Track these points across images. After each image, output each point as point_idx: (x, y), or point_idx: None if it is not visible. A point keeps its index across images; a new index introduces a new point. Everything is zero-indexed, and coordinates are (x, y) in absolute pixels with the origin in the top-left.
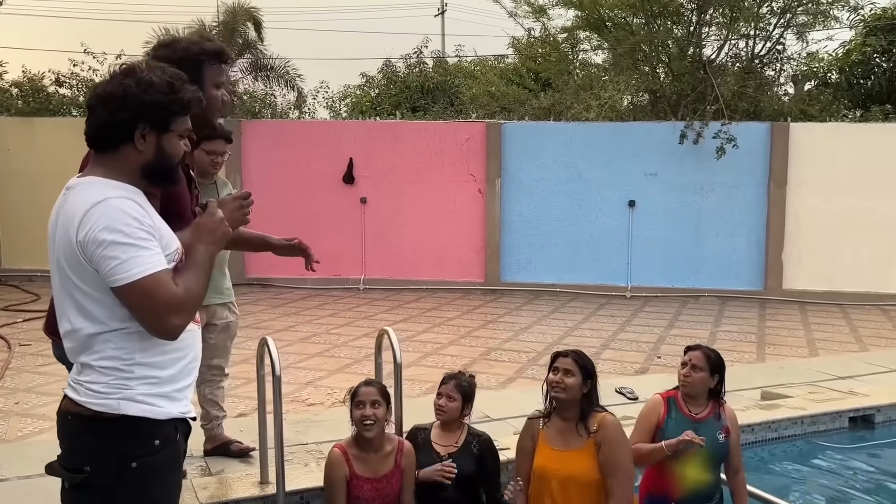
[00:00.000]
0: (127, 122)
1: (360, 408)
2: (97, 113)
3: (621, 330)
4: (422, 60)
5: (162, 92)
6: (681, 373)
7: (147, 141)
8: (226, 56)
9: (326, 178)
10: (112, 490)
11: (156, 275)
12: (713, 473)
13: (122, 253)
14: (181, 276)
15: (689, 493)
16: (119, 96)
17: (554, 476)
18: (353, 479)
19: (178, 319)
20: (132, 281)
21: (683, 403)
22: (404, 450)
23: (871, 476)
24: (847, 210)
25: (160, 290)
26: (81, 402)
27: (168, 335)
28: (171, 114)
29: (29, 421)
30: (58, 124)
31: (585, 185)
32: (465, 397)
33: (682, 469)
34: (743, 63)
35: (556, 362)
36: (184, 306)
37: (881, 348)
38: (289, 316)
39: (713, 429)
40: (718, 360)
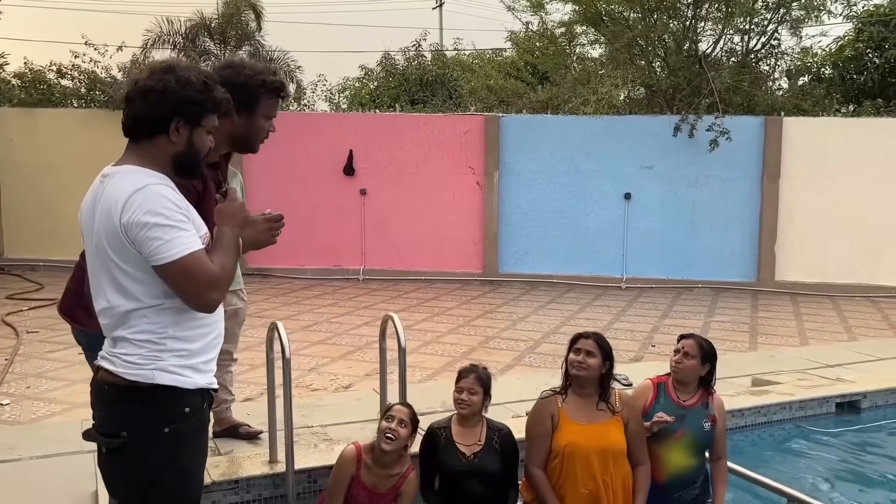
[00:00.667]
0: (164, 115)
1: (389, 421)
2: (137, 104)
3: (616, 320)
4: (420, 53)
5: (198, 90)
6: (673, 360)
7: (180, 133)
8: (284, 93)
9: (326, 170)
10: (146, 454)
11: (195, 253)
12: (697, 459)
13: (163, 234)
14: (213, 255)
15: (672, 477)
16: (159, 90)
17: (591, 449)
18: (355, 482)
19: (215, 294)
20: (174, 259)
21: (673, 390)
22: (408, 476)
23: (856, 458)
24: (839, 203)
25: (199, 268)
26: (118, 372)
27: (206, 308)
28: (204, 110)
29: (41, 404)
30: (59, 115)
31: (582, 177)
32: (485, 390)
33: (667, 454)
34: (738, 58)
35: (578, 343)
36: (220, 282)
37: (869, 338)
38: (290, 305)
39: (699, 416)
40: (710, 350)
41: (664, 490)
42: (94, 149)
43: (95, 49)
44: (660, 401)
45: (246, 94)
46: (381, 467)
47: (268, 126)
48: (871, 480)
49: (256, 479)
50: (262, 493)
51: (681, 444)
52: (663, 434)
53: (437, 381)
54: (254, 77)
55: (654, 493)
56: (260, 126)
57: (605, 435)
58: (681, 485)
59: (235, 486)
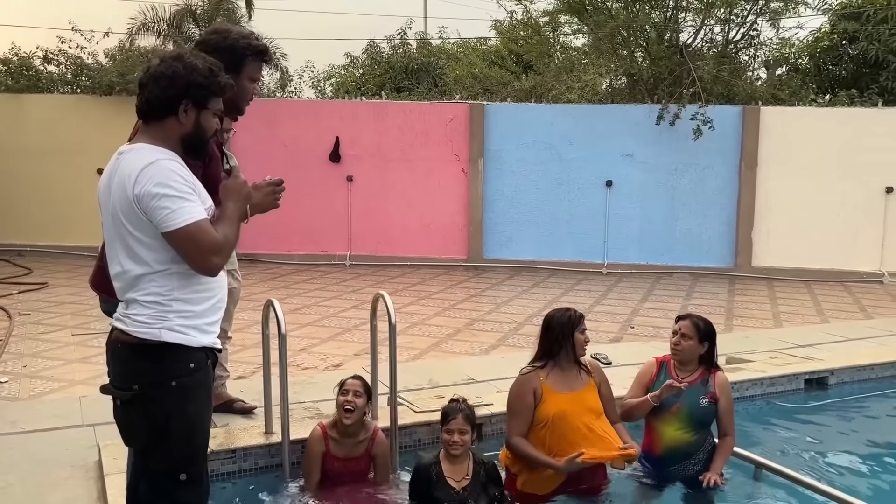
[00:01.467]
0: (174, 98)
1: (345, 394)
2: (149, 89)
3: (597, 303)
4: (406, 41)
5: (204, 75)
6: (671, 341)
7: (188, 115)
8: (268, 57)
9: (313, 157)
10: (156, 405)
11: (200, 222)
12: (693, 434)
13: (171, 204)
14: (217, 225)
15: (668, 450)
16: (169, 76)
17: (581, 414)
18: (326, 456)
19: (218, 259)
20: (181, 226)
21: (673, 368)
22: (377, 439)
23: (822, 431)
24: (814, 191)
25: (204, 235)
26: (129, 331)
27: (209, 272)
28: (210, 94)
29: (39, 382)
30: (46, 101)
31: (565, 165)
32: (473, 426)
33: (663, 427)
34: (718, 48)
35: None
36: (222, 249)
37: (840, 320)
38: (278, 289)
39: (697, 393)
40: (708, 329)
41: (661, 462)
42: (81, 134)
43: (82, 35)
44: (661, 378)
45: (232, 57)
46: (348, 437)
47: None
48: (835, 451)
49: (253, 449)
50: (259, 462)
51: (676, 419)
52: (659, 408)
53: (424, 360)
54: (239, 41)
55: (652, 464)
56: (245, 87)
57: (586, 400)
58: (677, 458)
59: (233, 456)
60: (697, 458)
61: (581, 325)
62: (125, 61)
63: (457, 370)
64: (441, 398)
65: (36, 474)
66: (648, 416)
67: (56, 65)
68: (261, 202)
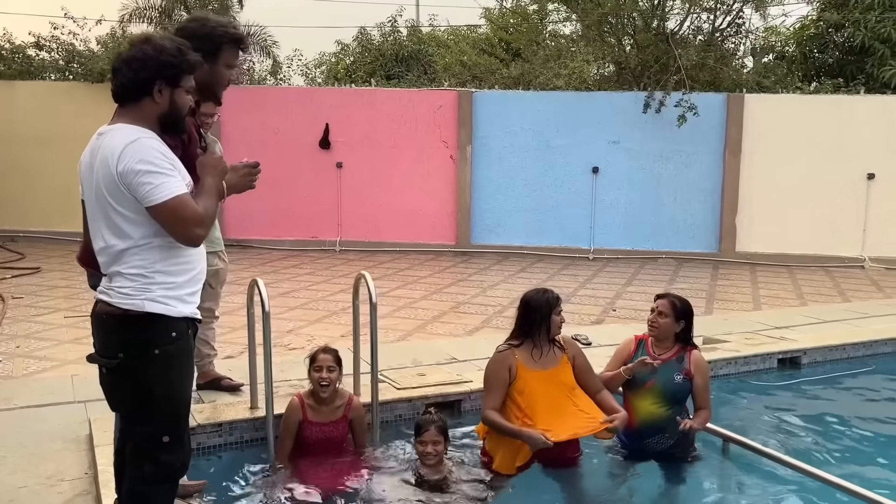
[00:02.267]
0: (147, 79)
1: (318, 371)
2: (122, 73)
3: (582, 287)
4: (396, 29)
5: (173, 55)
6: (649, 318)
7: (163, 95)
8: (244, 44)
9: (303, 144)
10: (140, 372)
11: (181, 196)
12: (667, 409)
13: (154, 179)
14: (198, 199)
15: (643, 424)
16: (140, 59)
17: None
18: (304, 423)
19: (199, 230)
20: (164, 200)
21: (651, 346)
22: (353, 404)
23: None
24: (797, 177)
25: (185, 208)
26: (113, 303)
27: (191, 242)
28: (180, 72)
29: (31, 361)
30: (38, 88)
31: (552, 151)
32: (446, 437)
33: (638, 402)
34: (705, 36)
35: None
36: (203, 220)
37: (818, 304)
38: (268, 274)
39: (671, 370)
40: (685, 308)
41: (637, 435)
42: (73, 121)
43: (74, 22)
44: (638, 354)
45: (209, 44)
46: (325, 404)
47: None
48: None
49: (239, 423)
50: (244, 435)
51: (651, 394)
52: (635, 384)
53: (409, 341)
54: (217, 28)
55: (627, 437)
56: (221, 74)
57: (559, 376)
58: (651, 432)
59: (219, 429)
60: (671, 433)
61: (558, 306)
62: (117, 48)
63: (440, 350)
64: (423, 376)
65: (29, 447)
66: (625, 391)
67: (48, 52)
68: (237, 183)
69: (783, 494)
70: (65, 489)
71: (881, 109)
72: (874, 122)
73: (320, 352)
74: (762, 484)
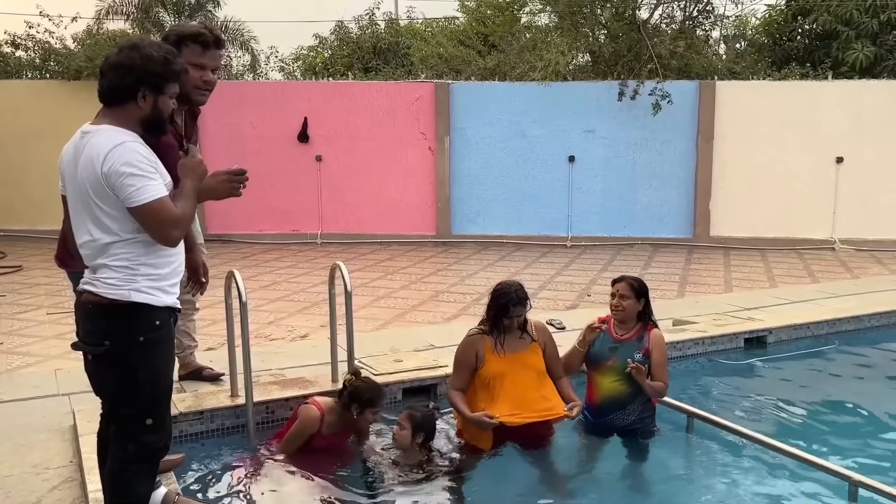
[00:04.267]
0: (132, 86)
1: (376, 415)
2: (109, 77)
3: (559, 274)
4: (374, 22)
5: (159, 63)
6: (612, 303)
7: (147, 100)
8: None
9: (282, 138)
10: (125, 358)
11: (161, 198)
12: (628, 386)
13: (136, 182)
14: (176, 201)
15: (604, 400)
16: (126, 66)
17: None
18: (317, 435)
19: (176, 232)
20: (145, 203)
21: (613, 327)
22: None
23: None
24: (768, 162)
25: (164, 210)
26: (99, 293)
27: (169, 242)
28: (165, 81)
29: (15, 357)
30: (14, 87)
31: (528, 141)
32: (415, 427)
33: (600, 379)
34: (676, 24)
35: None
36: (180, 222)
37: (789, 285)
38: (249, 267)
39: (632, 349)
40: (642, 287)
41: (600, 411)
42: (50, 119)
43: (50, 20)
44: (601, 336)
45: None
46: (343, 422)
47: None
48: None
49: (219, 411)
50: (225, 422)
51: (611, 371)
52: (596, 361)
53: (387, 329)
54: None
55: (591, 413)
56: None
57: (527, 360)
58: (613, 408)
59: (200, 417)
60: (631, 409)
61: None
62: (93, 46)
63: (418, 338)
64: (399, 362)
65: (15, 438)
66: (590, 369)
67: (24, 50)
68: (215, 188)
69: (746, 466)
70: (51, 476)
71: (847, 94)
72: (841, 107)
73: (382, 396)
74: (725, 458)
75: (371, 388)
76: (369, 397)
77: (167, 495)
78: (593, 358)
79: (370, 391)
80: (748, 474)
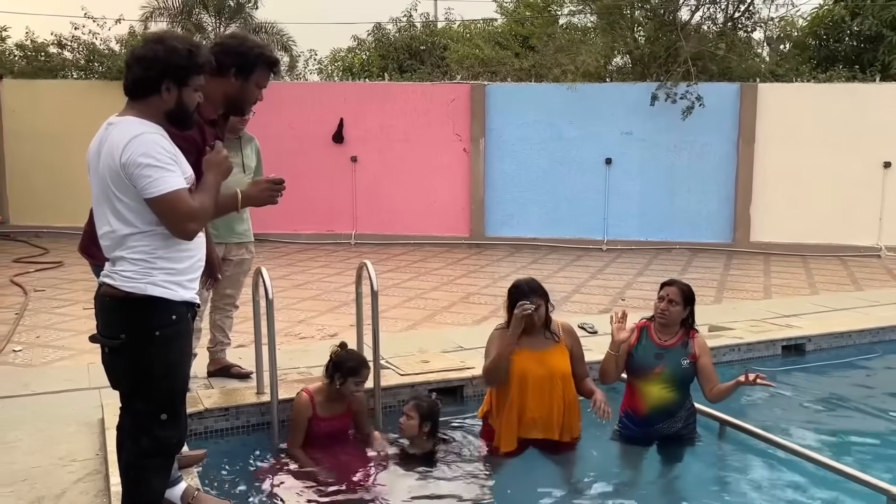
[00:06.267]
0: (155, 78)
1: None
2: (133, 70)
3: (593, 278)
4: (412, 23)
5: (183, 56)
6: (659, 307)
7: (171, 93)
8: (277, 69)
9: (319, 138)
10: (141, 352)
11: (178, 191)
12: (676, 393)
13: (154, 173)
14: (196, 194)
15: (653, 409)
16: (150, 58)
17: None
18: (314, 419)
19: (193, 225)
20: (161, 194)
21: (655, 332)
22: (356, 397)
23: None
24: (811, 166)
25: (180, 203)
26: (116, 286)
27: (184, 236)
28: (189, 73)
29: (50, 350)
30: (60, 86)
31: (564, 143)
32: (421, 416)
33: (647, 388)
34: (717, 26)
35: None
36: (196, 216)
37: (831, 293)
38: (283, 267)
39: (678, 355)
40: (691, 293)
41: (647, 421)
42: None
43: (94, 21)
44: (642, 342)
45: (244, 62)
46: (335, 400)
47: (258, 94)
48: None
49: (245, 408)
50: (250, 419)
51: (659, 380)
52: (642, 370)
53: (417, 330)
54: (253, 49)
55: (637, 424)
56: (251, 91)
57: (550, 360)
58: (661, 417)
59: (226, 413)
60: (679, 416)
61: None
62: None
63: (447, 339)
64: (426, 363)
65: (44, 430)
66: (631, 378)
67: (70, 51)
68: (256, 196)
69: (778, 476)
70: (76, 469)
71: None
72: (890, 110)
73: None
74: (758, 466)
75: (353, 358)
76: (350, 366)
77: (186, 491)
78: (637, 367)
79: (352, 360)
80: (781, 484)
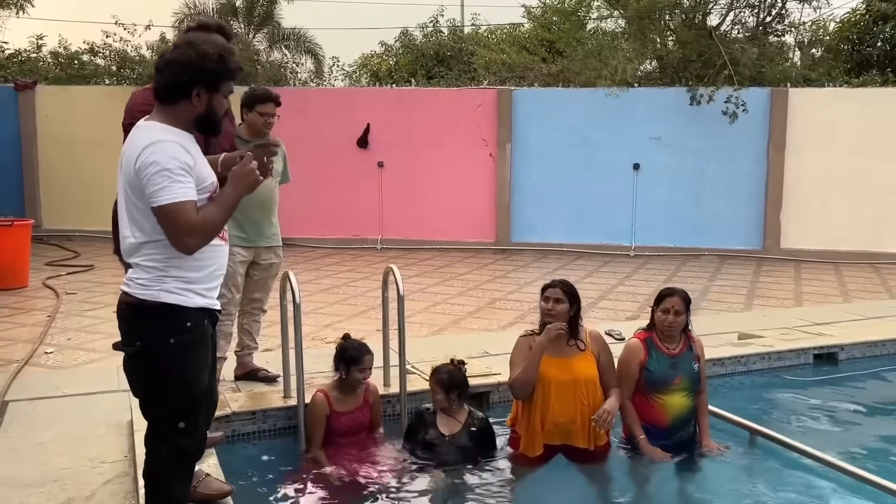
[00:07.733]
0: (186, 83)
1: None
2: (164, 74)
3: (620, 284)
4: (438, 29)
5: (214, 61)
6: (665, 320)
7: (201, 98)
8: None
9: (345, 144)
10: (156, 359)
11: (182, 202)
12: (693, 398)
13: (162, 181)
14: (207, 207)
15: (676, 419)
16: (182, 62)
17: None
18: (332, 415)
19: (190, 240)
20: (163, 203)
21: (660, 343)
22: (370, 387)
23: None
24: (844, 172)
25: (180, 215)
26: (131, 293)
27: (182, 250)
28: (220, 78)
29: (81, 353)
30: (92, 92)
31: (592, 148)
32: (446, 390)
33: (670, 401)
34: (749, 30)
35: (547, 293)
36: (197, 231)
37: (864, 301)
38: (310, 271)
39: (689, 360)
40: (688, 298)
41: (669, 433)
42: None
43: (125, 28)
44: (653, 355)
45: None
46: (350, 393)
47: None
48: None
49: (272, 411)
50: (277, 423)
51: (680, 389)
52: (662, 384)
53: (443, 335)
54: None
55: (658, 437)
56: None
57: (575, 366)
58: (682, 425)
59: (253, 417)
60: (693, 421)
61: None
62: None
63: (473, 344)
64: None
65: (74, 431)
66: (652, 393)
67: (102, 58)
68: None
69: (809, 486)
70: (105, 470)
71: None
72: None
73: (366, 354)
74: (788, 476)
75: (353, 347)
76: (351, 355)
77: (195, 474)
78: (657, 381)
79: (352, 349)
80: (811, 495)
